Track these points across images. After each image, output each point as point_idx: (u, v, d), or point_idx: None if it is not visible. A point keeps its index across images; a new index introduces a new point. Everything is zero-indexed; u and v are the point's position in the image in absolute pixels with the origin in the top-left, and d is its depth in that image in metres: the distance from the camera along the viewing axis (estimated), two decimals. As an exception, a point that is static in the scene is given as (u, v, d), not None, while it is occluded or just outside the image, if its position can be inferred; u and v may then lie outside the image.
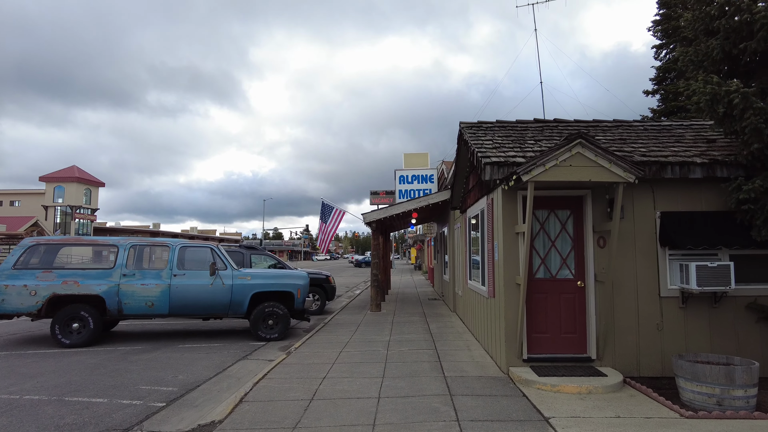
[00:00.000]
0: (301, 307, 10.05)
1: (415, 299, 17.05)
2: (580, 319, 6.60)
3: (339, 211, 16.16)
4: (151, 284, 9.28)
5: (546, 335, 6.62)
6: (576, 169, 5.80)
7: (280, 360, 7.50)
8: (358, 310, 14.00)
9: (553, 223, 6.82)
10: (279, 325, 9.76)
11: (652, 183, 6.63)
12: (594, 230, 6.60)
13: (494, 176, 6.47)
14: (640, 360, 6.39)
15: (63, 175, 52.10)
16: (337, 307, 15.35)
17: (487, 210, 7.56)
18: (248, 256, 13.39)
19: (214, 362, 7.87)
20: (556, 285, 6.69)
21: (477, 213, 8.70)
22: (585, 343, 6.57)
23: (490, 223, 7.30)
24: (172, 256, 9.58)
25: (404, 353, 7.80)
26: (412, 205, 13.25)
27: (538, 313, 6.63)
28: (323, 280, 14.00)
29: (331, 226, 16.25)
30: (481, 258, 8.22)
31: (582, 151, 5.79)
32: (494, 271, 7.12)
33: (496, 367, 6.81)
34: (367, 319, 11.86)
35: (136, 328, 11.39)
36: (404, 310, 13.78)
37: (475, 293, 8.90)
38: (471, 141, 7.64)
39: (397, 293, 19.73)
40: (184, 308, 9.42)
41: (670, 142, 7.55)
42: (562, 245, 6.78)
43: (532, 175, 5.76)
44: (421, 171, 17.30)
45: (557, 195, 6.71)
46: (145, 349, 8.81)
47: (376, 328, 10.42)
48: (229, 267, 9.73)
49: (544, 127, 8.72)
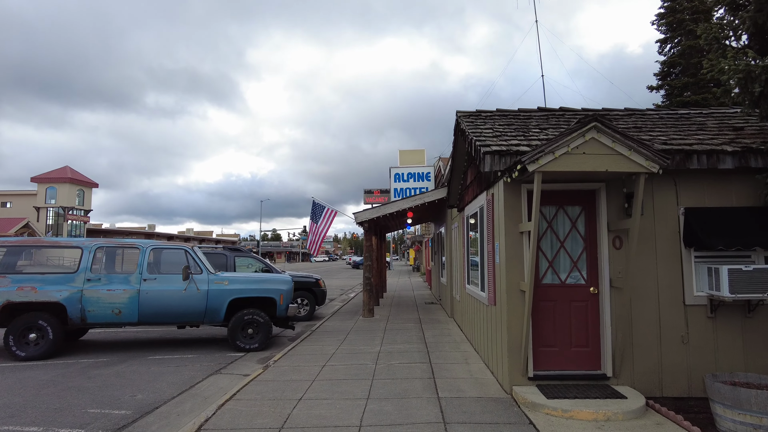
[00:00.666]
0: (284, 314, 9.21)
1: (411, 303, 16.23)
2: (593, 330, 5.78)
3: (331, 210, 15.33)
4: (118, 290, 8.44)
5: (554, 349, 5.79)
6: (590, 158, 4.98)
7: (255, 376, 6.66)
8: (349, 315, 13.16)
9: (562, 221, 6.00)
10: (259, 334, 8.93)
11: (674, 175, 5.82)
12: (609, 229, 5.78)
13: (495, 167, 5.65)
14: (663, 378, 5.57)
15: (55, 175, 51.21)
16: (328, 312, 14.51)
17: (486, 207, 6.74)
18: (232, 259, 12.55)
19: (182, 377, 7.04)
20: (565, 291, 5.87)
21: (475, 211, 7.89)
22: (599, 359, 5.74)
23: (491, 222, 6.48)
24: (142, 259, 8.75)
25: (394, 368, 6.97)
26: (406, 203, 12.43)
27: (546, 323, 5.81)
28: (312, 283, 13.17)
29: (322, 226, 15.42)
30: (480, 261, 7.40)
31: (597, 137, 4.97)
32: (495, 276, 6.30)
33: (498, 385, 5.98)
34: (358, 326, 11.03)
35: (108, 336, 10.55)
36: (399, 315, 12.95)
37: (474, 299, 8.07)
38: (469, 130, 6.82)
39: (393, 297, 18.90)
40: (154, 316, 8.59)
41: (691, 130, 6.73)
42: (572, 246, 5.96)
43: (539, 165, 4.94)
44: (417, 168, 16.49)
45: (567, 189, 5.89)
46: (110, 362, 7.97)
47: (366, 337, 9.58)
48: (205, 271, 8.90)
49: (549, 115, 7.91)
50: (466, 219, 9.13)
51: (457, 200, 10.26)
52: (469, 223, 8.84)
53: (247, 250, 13.20)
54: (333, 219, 15.33)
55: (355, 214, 12.57)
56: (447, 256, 12.94)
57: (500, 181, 5.93)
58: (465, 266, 9.23)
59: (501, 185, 5.90)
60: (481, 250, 7.33)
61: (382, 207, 12.49)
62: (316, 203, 15.50)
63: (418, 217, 17.63)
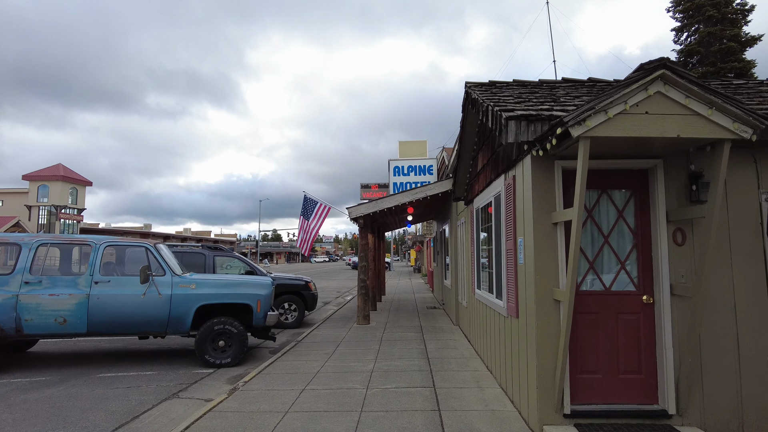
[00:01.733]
0: (262, 323, 7.86)
1: (411, 308, 14.86)
2: (648, 351, 4.42)
3: (323, 206, 13.97)
4: (63, 294, 7.10)
5: (597, 376, 4.44)
6: (654, 120, 3.63)
7: (214, 405, 5.31)
8: (343, 322, 11.81)
9: (605, 209, 4.65)
10: (232, 347, 7.58)
11: (752, 150, 4.46)
12: (668, 219, 4.42)
13: (521, 137, 4.30)
14: (744, 416, 4.21)
15: (47, 173, 49.94)
16: (320, 317, 13.16)
17: (505, 194, 5.39)
18: (211, 259, 11.21)
19: (127, 404, 5.70)
20: (610, 301, 4.52)
21: (488, 201, 6.54)
22: (656, 389, 4.39)
23: (511, 212, 5.13)
24: (94, 258, 7.41)
25: (390, 395, 5.61)
26: (406, 197, 11.07)
27: (586, 342, 4.46)
28: (301, 286, 11.81)
29: (314, 223, 14.07)
30: (496, 261, 6.05)
31: (664, 90, 3.62)
32: (518, 280, 4.94)
33: (522, 422, 4.62)
34: (351, 336, 9.68)
35: (63, 347, 9.20)
36: (398, 322, 11.59)
37: (487, 308, 6.72)
38: (483, 97, 5.46)
39: (392, 300, 17.54)
40: (107, 325, 7.25)
41: (763, 98, 5.38)
42: (618, 242, 4.61)
43: (587, 128, 3.59)
44: (418, 161, 15.13)
45: (611, 168, 4.54)
46: (47, 382, 6.63)
47: (359, 350, 8.23)
48: (168, 272, 7.55)
49: (576, 85, 6.55)
50: (475, 213, 7.78)
51: (464, 191, 8.91)
52: (479, 216, 7.49)
53: (229, 249, 11.87)
54: (326, 215, 13.98)
55: (349, 208, 11.22)
56: (451, 257, 11.58)
57: (526, 157, 4.58)
58: (474, 268, 7.88)
59: (527, 163, 4.55)
60: (497, 248, 5.98)
61: (380, 201, 11.13)
62: (307, 198, 14.16)
63: (420, 214, 16.29)
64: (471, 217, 8.22)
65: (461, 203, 9.78)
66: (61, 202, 50.00)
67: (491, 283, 6.35)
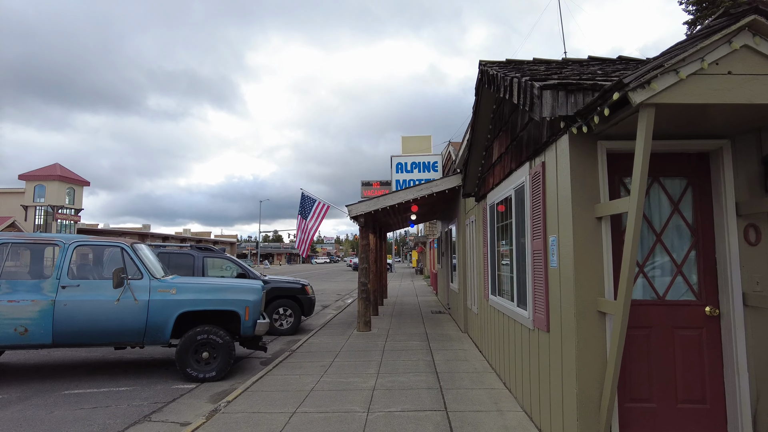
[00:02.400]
0: (251, 332, 7.05)
1: (415, 312, 14.04)
2: (714, 376, 3.60)
3: (322, 205, 13.16)
4: (24, 301, 6.30)
5: (650, 405, 3.62)
6: (739, 83, 2.81)
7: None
8: (342, 328, 10.99)
9: (656, 201, 3.83)
10: (217, 359, 6.77)
11: (839, 128, 3.64)
12: (738, 213, 3.60)
13: (558, 111, 3.48)
14: (838, 458, 3.38)
15: (44, 173, 49.18)
16: (318, 322, 12.35)
17: (531, 184, 4.58)
18: (201, 260, 10.41)
19: (90, 429, 4.88)
20: (665, 313, 3.70)
21: (507, 195, 5.72)
22: (725, 423, 3.56)
23: (540, 206, 4.31)
24: (62, 259, 6.61)
25: (395, 420, 4.79)
26: (410, 194, 10.26)
27: (636, 363, 3.64)
28: (298, 290, 10.99)
29: (312, 223, 13.26)
30: (518, 264, 5.24)
31: (754, 43, 2.80)
32: (549, 287, 4.12)
33: (557, 460, 3.79)
34: (351, 345, 8.86)
35: (33, 358, 8.40)
36: (401, 328, 10.77)
37: (506, 318, 5.90)
38: (504, 72, 4.65)
39: (395, 303, 16.72)
40: (76, 335, 6.44)
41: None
42: (673, 241, 3.79)
43: (653, 91, 2.77)
44: (422, 157, 14.30)
45: (664, 151, 3.73)
46: (2, 402, 5.83)
47: (358, 362, 7.41)
48: (146, 275, 6.74)
49: (607, 62, 5.73)
50: (489, 210, 6.96)
51: (475, 186, 8.09)
52: (494, 214, 6.68)
53: (220, 249, 11.06)
54: (324, 214, 13.16)
55: (349, 206, 10.41)
56: (459, 259, 10.76)
57: (562, 138, 3.77)
58: (487, 271, 7.06)
59: (563, 145, 3.74)
60: (519, 249, 5.17)
61: (382, 198, 10.32)
62: (305, 196, 13.35)
63: (424, 213, 15.48)
64: (483, 214, 7.40)
65: (471, 200, 8.97)
66: (58, 202, 49.26)
67: (512, 289, 5.53)
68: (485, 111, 6.48)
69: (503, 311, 5.93)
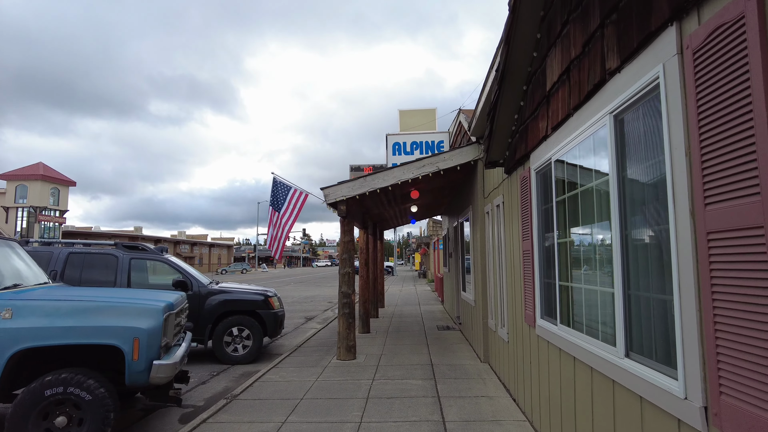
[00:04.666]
0: (145, 379, 4.27)
1: (416, 327, 11.26)
2: None
3: (299, 193, 10.41)
4: None
5: None
6: None
7: None
8: (319, 354, 8.24)
9: None
10: (86, 424, 4.03)
11: None
12: None
13: None
14: None
15: (26, 172, 46.64)
16: (292, 342, 9.62)
17: (699, 65, 1.80)
18: (126, 263, 7.70)
19: None
20: None
21: (593, 132, 2.97)
22: None
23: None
24: None
25: None
26: (408, 172, 7.51)
27: None
28: (258, 303, 8.22)
29: (287, 215, 10.51)
30: (628, 271, 2.46)
31: None
32: None
33: None
34: (322, 386, 6.10)
35: None
36: (397, 355, 8.00)
37: (594, 373, 3.11)
38: None
39: (392, 315, 13.94)
40: None
41: None
42: None
43: None
44: (425, 136, 11.51)
45: None
46: None
47: (330, 416, 4.65)
48: (-38, 288, 4.00)
49: None
50: (536, 179, 4.20)
51: (506, 149, 5.33)
52: (546, 183, 3.93)
53: (156, 249, 8.33)
54: (302, 205, 10.40)
55: (325, 189, 7.68)
56: (475, 260, 7.99)
57: None
58: (533, 279, 4.28)
59: None
60: (633, 240, 2.40)
61: (370, 179, 7.58)
62: (277, 182, 10.61)
63: (427, 205, 12.70)
64: (523, 189, 4.64)
65: (494, 176, 6.22)
66: (41, 203, 46.62)
67: (616, 323, 2.72)
68: (529, 7, 3.73)
69: (584, 359, 3.15)
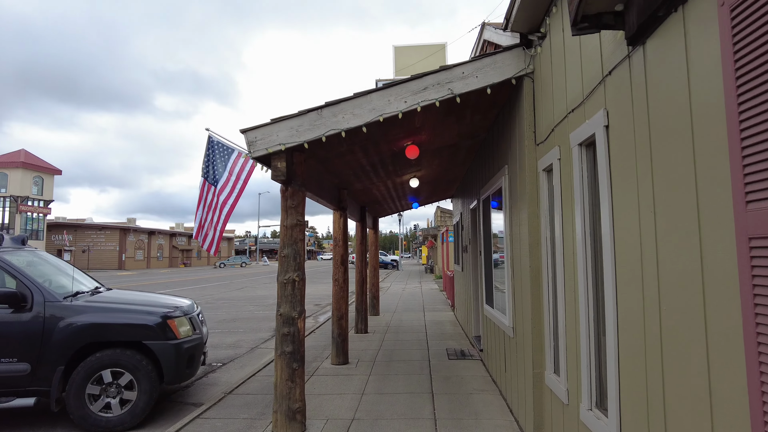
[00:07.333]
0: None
1: (417, 354, 7.94)
2: None
3: (245, 158, 7.03)
4: None
5: None
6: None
7: None
8: (257, 408, 4.93)
9: None
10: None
11: None
12: None
13: None
14: None
15: (6, 159, 43.63)
16: (232, 377, 6.35)
17: None
18: None
19: None
20: None
21: None
22: None
23: None
24: None
25: None
26: (397, 100, 4.17)
27: None
28: (148, 329, 4.89)
29: (227, 192, 7.15)
30: None
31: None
32: None
33: None
34: None
35: None
36: (380, 417, 4.68)
37: None
38: None
39: (388, 325, 10.64)
40: None
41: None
42: None
43: None
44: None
45: None
46: None
47: None
48: None
49: None
50: None
51: None
52: None
53: (15, 238, 5.11)
54: (248, 176, 7.02)
55: (247, 132, 4.35)
56: (516, 260, 4.63)
57: None
58: None
59: None
60: None
61: (327, 111, 4.23)
62: (214, 142, 7.30)
63: (433, 177, 9.29)
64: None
65: (576, 77, 2.85)
66: (22, 193, 43.66)
67: None
68: None
69: None
